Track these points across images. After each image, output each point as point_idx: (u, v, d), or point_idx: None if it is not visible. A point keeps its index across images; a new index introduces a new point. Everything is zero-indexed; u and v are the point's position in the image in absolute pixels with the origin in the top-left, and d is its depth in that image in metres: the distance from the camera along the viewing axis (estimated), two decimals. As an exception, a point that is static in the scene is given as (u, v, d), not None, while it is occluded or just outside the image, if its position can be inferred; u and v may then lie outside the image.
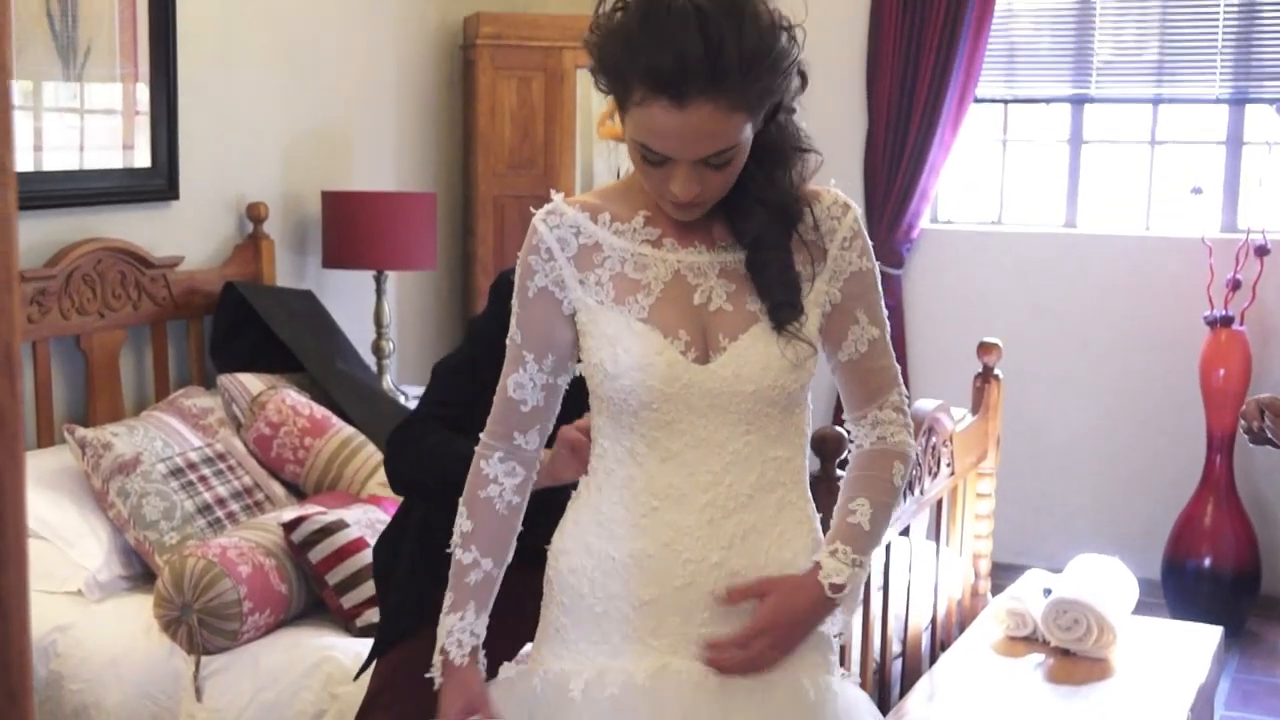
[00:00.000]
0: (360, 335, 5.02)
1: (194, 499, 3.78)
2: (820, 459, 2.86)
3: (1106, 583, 3.86)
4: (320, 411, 4.21)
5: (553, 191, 2.05)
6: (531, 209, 2.05)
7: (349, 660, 3.33)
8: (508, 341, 2.06)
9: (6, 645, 1.12)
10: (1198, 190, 5.42)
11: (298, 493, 4.13)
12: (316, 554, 3.53)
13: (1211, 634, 3.94)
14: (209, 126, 4.58)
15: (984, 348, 4.21)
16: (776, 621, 2.00)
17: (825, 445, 2.86)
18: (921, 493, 3.47)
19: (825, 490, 2.39)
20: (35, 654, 3.31)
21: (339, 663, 3.35)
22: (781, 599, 2.00)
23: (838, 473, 2.61)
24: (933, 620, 3.86)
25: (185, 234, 4.52)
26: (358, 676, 3.01)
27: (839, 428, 2.81)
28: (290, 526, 3.57)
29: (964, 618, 4.11)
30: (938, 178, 5.75)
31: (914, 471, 3.40)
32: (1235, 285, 5.25)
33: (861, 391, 2.10)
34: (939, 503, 3.74)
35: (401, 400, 4.74)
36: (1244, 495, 5.33)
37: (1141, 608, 4.08)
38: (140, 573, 3.74)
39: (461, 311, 5.81)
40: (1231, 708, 4.64)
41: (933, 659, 3.77)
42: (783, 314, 1.97)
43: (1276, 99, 5.16)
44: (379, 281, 5.00)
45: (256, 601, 3.44)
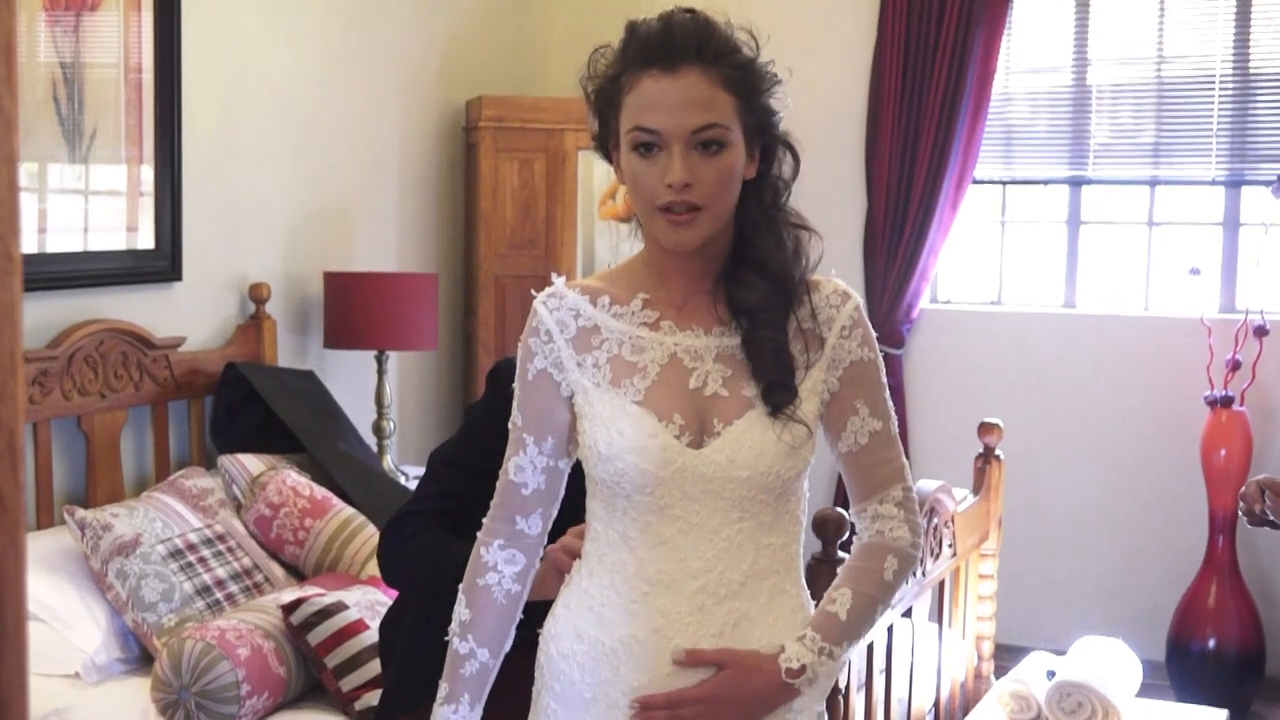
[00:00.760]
0: (361, 415, 5.02)
1: (193, 581, 3.77)
2: (821, 541, 2.85)
3: (1110, 665, 3.84)
4: (320, 492, 4.21)
5: (554, 274, 2.07)
6: (532, 292, 2.07)
7: (347, 744, 3.30)
8: (509, 425, 2.06)
9: (4, 732, 1.11)
10: (1196, 271, 5.44)
11: (297, 574, 4.12)
12: (315, 636, 3.51)
13: (1216, 717, 3.92)
14: (213, 208, 4.61)
15: (985, 428, 4.21)
16: (717, 695, 1.97)
17: (826, 527, 2.86)
18: (924, 574, 3.46)
19: (825, 573, 2.39)
20: (32, 737, 3.28)
21: (337, 746, 3.33)
22: (734, 675, 1.98)
23: (839, 554, 2.61)
24: (936, 703, 3.83)
25: (188, 314, 4.54)
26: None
27: (840, 509, 2.81)
28: (289, 608, 3.55)
29: (967, 700, 4.08)
30: (937, 258, 5.78)
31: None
32: (1235, 366, 5.26)
33: (862, 485, 2.08)
34: (941, 584, 3.73)
35: (402, 480, 4.74)
36: (1247, 576, 5.30)
37: (1146, 690, 4.06)
38: (138, 655, 3.72)
39: (463, 391, 5.81)
40: (1238, 791, 4.60)
41: (936, 742, 3.75)
42: (776, 396, 1.97)
43: (1272, 181, 5.19)
44: (380, 361, 5.01)
45: (255, 684, 3.41)
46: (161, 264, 4.43)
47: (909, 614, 3.49)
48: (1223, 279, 5.58)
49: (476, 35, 5.95)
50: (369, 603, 3.66)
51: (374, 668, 3.40)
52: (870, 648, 3.15)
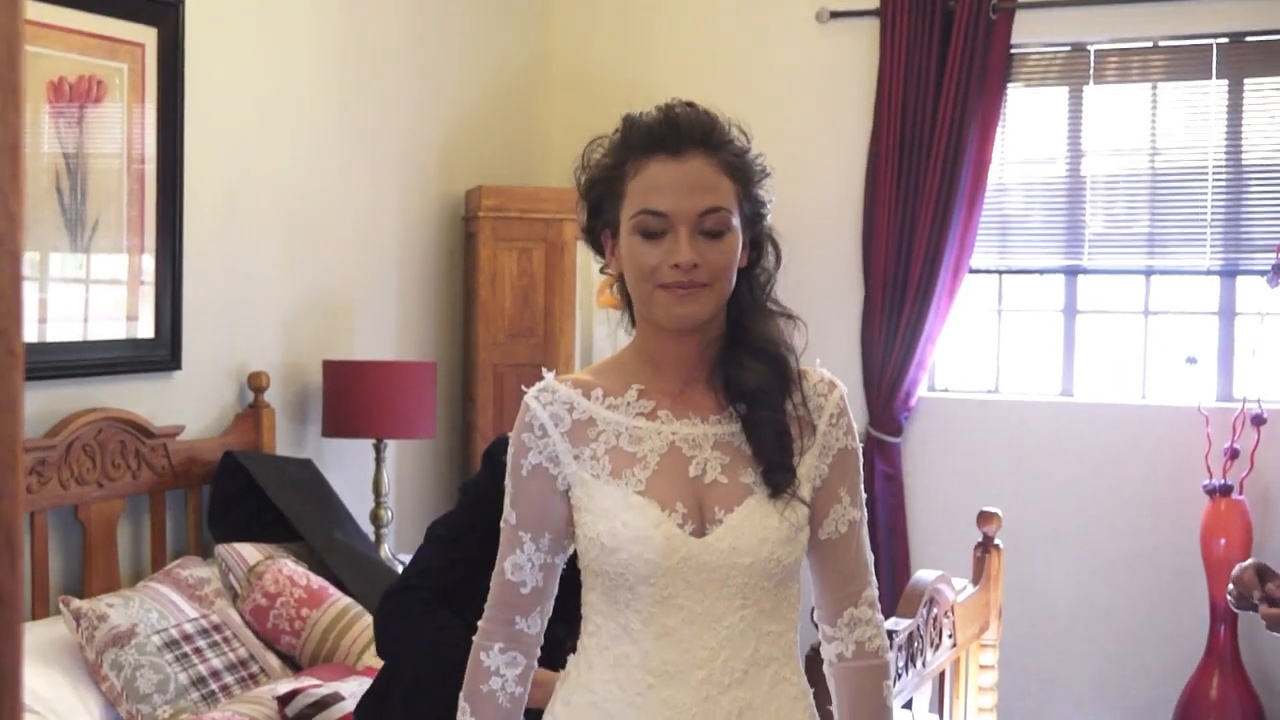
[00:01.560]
0: (359, 503, 5.01)
1: (188, 671, 3.75)
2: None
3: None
4: (317, 582, 4.20)
5: (544, 370, 2.07)
6: (523, 388, 2.07)
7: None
8: (502, 524, 2.05)
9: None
10: (1192, 360, 5.46)
11: (293, 664, 4.09)
12: (311, 728, 3.49)
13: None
14: (213, 297, 4.63)
15: (984, 517, 4.20)
16: None
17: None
18: (924, 665, 3.44)
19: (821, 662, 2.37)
20: (24, 831, 3.24)
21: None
22: None
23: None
24: (936, 796, 3.80)
25: (186, 403, 4.54)
26: None
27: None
28: (285, 700, 3.53)
29: (968, 793, 4.05)
30: (935, 346, 5.80)
31: (915, 645, 3.38)
32: (1233, 454, 5.26)
33: (837, 579, 2.08)
34: (941, 675, 3.71)
35: (399, 569, 4.72)
36: (1249, 666, 5.28)
37: (1148, 782, 4.02)
38: (132, 747, 3.69)
39: (461, 479, 5.80)
40: None
41: (937, 836, 3.71)
42: (777, 477, 1.98)
43: (1267, 270, 5.22)
44: (378, 450, 5.01)
45: (250, 777, 3.39)
46: (161, 353, 4.44)
47: (909, 705, 3.47)
48: (1219, 368, 5.60)
49: (476, 126, 6.00)
50: (365, 694, 3.63)
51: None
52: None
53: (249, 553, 4.24)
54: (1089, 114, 5.73)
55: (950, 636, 3.69)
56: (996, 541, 4.20)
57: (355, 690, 3.62)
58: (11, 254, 0.95)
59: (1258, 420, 5.25)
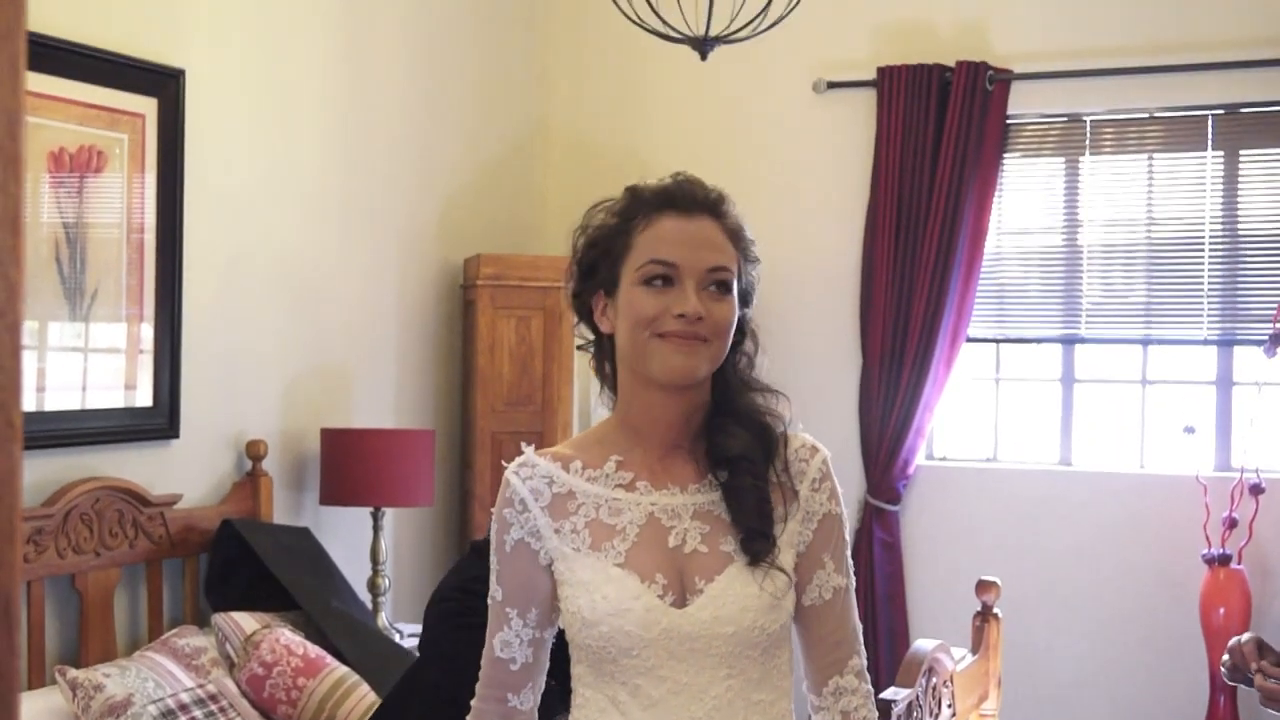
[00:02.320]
0: (356, 572, 5.00)
1: (184, 742, 3.72)
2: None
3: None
4: (314, 651, 4.18)
5: (523, 444, 2.07)
6: (503, 463, 2.07)
7: None
8: (489, 601, 2.05)
9: None
10: (1190, 429, 5.46)
11: (289, 735, 4.07)
12: (307, 799, 3.47)
13: None
14: (211, 365, 4.64)
15: (983, 586, 4.19)
16: None
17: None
18: (922, 736, 3.42)
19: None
20: None
21: None
22: None
23: None
24: None
25: (184, 472, 4.54)
26: None
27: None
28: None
29: None
30: (933, 414, 5.80)
31: (915, 715, 3.36)
32: (1232, 524, 5.26)
33: (822, 646, 2.06)
34: (940, 746, 3.68)
35: (396, 638, 4.70)
36: (1250, 737, 5.25)
37: None
38: (126, 819, 3.67)
39: (459, 548, 5.79)
40: None
41: None
42: (755, 544, 1.97)
43: (1263, 340, 5.24)
44: (376, 518, 5.00)
45: None
46: (159, 421, 4.44)
47: (908, 777, 3.45)
48: (1217, 437, 5.60)
49: (474, 195, 6.04)
50: (361, 765, 3.61)
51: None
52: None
53: (246, 622, 4.22)
54: (1085, 184, 5.76)
55: (949, 706, 3.67)
56: (995, 610, 4.18)
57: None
58: (11, 325, 0.95)
59: (1256, 490, 5.24)
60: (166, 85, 4.44)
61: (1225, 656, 3.29)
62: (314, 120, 5.14)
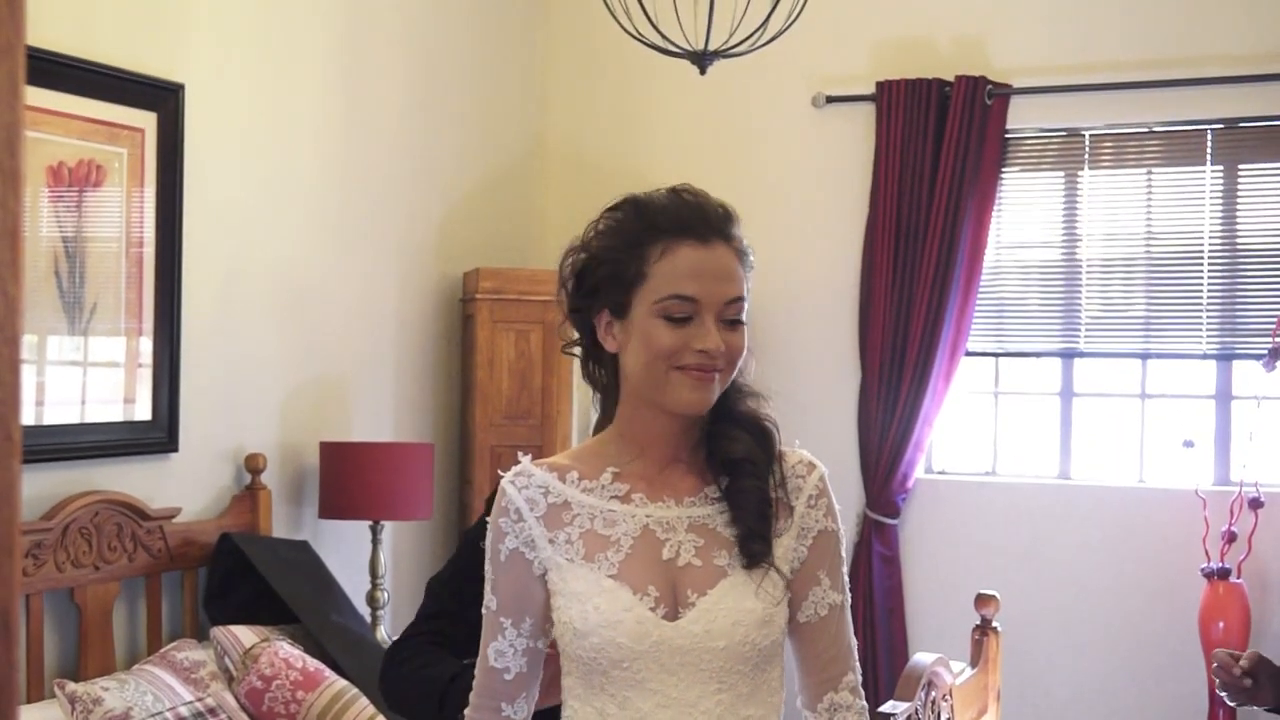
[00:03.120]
0: (355, 585, 5.00)
1: (182, 756, 3.72)
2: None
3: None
4: (313, 664, 4.17)
5: (519, 454, 2.08)
6: (500, 472, 2.07)
7: None
8: (484, 610, 2.05)
9: None
10: (1189, 443, 5.45)
11: (288, 749, 4.06)
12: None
13: None
14: (210, 379, 4.64)
15: (982, 599, 4.18)
16: None
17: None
18: (921, 751, 3.41)
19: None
20: None
21: None
22: None
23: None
24: None
25: (183, 485, 4.54)
26: None
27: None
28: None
29: None
30: (931, 428, 5.80)
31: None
32: (1231, 538, 5.25)
33: (817, 663, 2.06)
34: (939, 761, 3.68)
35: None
36: (1250, 751, 5.24)
37: None
38: (124, 833, 3.66)
39: (457, 562, 5.78)
40: None
41: None
42: (754, 546, 1.97)
43: (1263, 354, 5.24)
44: (375, 531, 5.00)
45: None
46: (158, 435, 4.44)
47: (907, 792, 3.44)
48: (1216, 451, 5.60)
49: (473, 209, 6.04)
50: (360, 779, 3.61)
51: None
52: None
53: (245, 635, 4.22)
54: (1084, 199, 5.77)
55: (948, 721, 3.67)
56: (994, 624, 4.18)
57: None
58: (10, 339, 0.95)
59: (1255, 504, 5.24)
60: (166, 100, 4.45)
61: (1222, 674, 3.29)
62: (313, 135, 5.15)
